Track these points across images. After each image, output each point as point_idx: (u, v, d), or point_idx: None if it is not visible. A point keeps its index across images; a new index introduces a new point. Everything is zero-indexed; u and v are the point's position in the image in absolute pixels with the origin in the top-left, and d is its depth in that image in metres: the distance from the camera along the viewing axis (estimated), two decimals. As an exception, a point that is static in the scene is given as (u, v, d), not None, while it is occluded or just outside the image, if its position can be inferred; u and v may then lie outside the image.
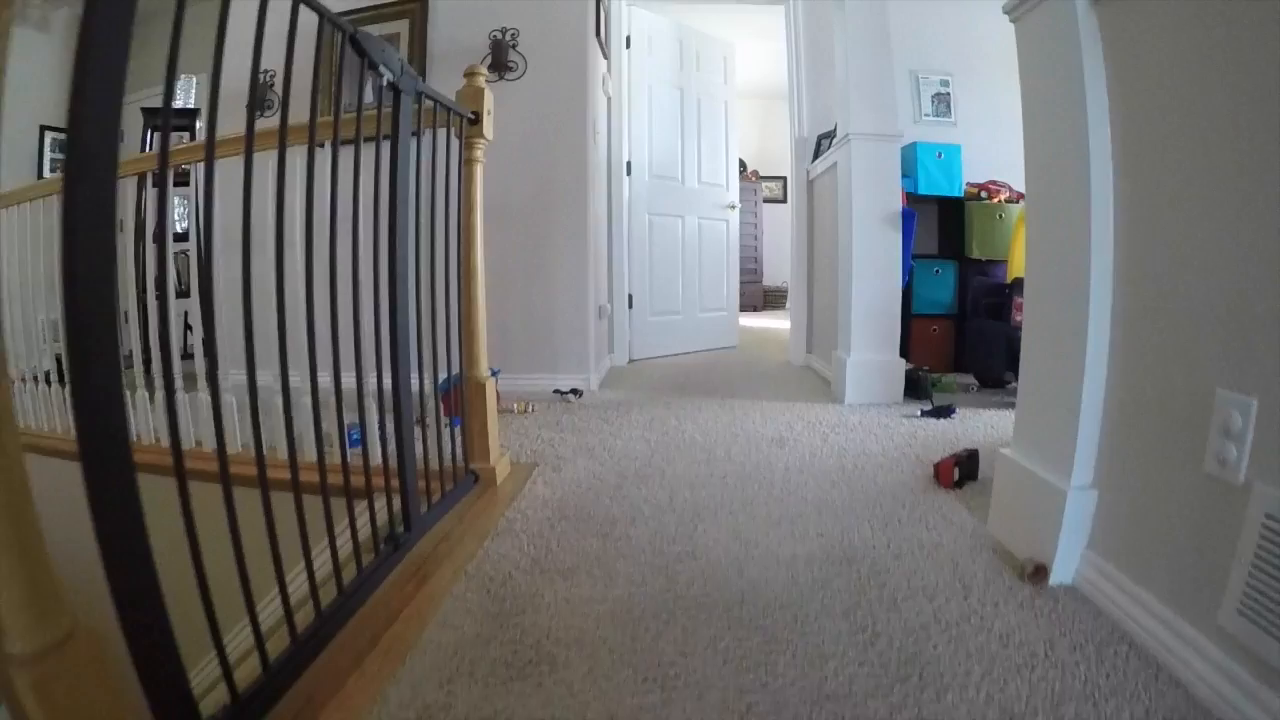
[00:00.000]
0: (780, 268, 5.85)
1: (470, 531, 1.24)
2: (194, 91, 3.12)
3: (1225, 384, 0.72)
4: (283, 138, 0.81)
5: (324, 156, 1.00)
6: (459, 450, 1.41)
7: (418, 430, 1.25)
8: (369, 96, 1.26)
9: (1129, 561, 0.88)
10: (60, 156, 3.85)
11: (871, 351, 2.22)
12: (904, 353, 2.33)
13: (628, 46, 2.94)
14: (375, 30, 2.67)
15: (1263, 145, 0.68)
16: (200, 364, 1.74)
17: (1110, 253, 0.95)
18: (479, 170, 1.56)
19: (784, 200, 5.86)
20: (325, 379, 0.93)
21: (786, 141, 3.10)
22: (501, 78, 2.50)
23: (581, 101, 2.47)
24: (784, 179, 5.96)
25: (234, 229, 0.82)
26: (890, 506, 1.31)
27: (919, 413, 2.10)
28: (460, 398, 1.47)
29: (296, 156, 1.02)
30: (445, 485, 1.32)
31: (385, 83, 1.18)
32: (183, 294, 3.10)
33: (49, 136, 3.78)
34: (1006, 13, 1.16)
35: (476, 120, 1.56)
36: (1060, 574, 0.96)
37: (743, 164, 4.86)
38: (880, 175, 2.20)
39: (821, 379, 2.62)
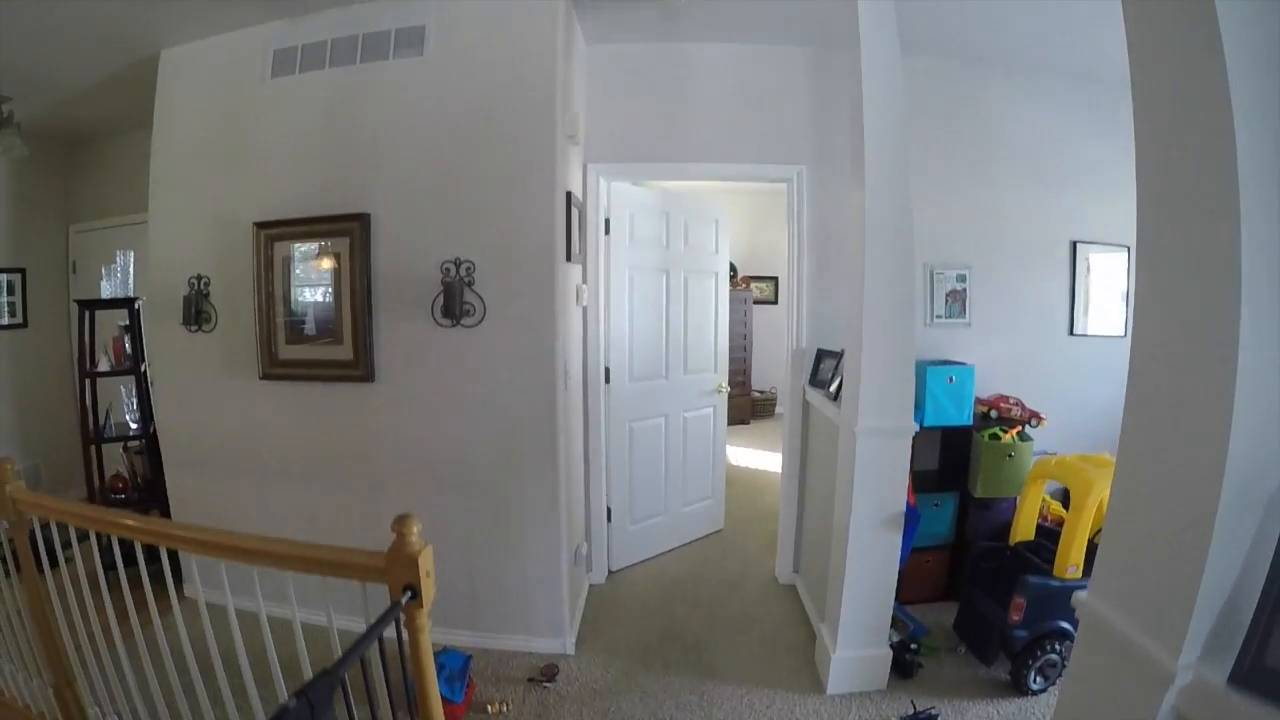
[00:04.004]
0: (769, 372, 5.62)
1: None
2: (132, 271, 2.74)
3: None
4: None
5: None
6: None
7: None
8: None
9: None
10: (9, 299, 3.48)
11: (858, 648, 2.11)
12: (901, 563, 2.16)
13: (606, 232, 2.57)
14: (317, 246, 2.29)
15: None
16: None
17: None
18: (426, 638, 1.31)
19: (775, 301, 5.47)
20: None
21: (777, 239, 2.77)
22: (457, 323, 2.18)
23: (550, 347, 2.18)
24: (775, 279, 5.53)
25: None
26: None
27: (898, 720, 1.99)
28: None
29: None
30: None
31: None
32: (138, 487, 2.91)
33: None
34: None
35: (416, 594, 1.28)
36: None
37: (733, 268, 4.43)
38: (888, 474, 2.02)
39: (806, 622, 2.48)
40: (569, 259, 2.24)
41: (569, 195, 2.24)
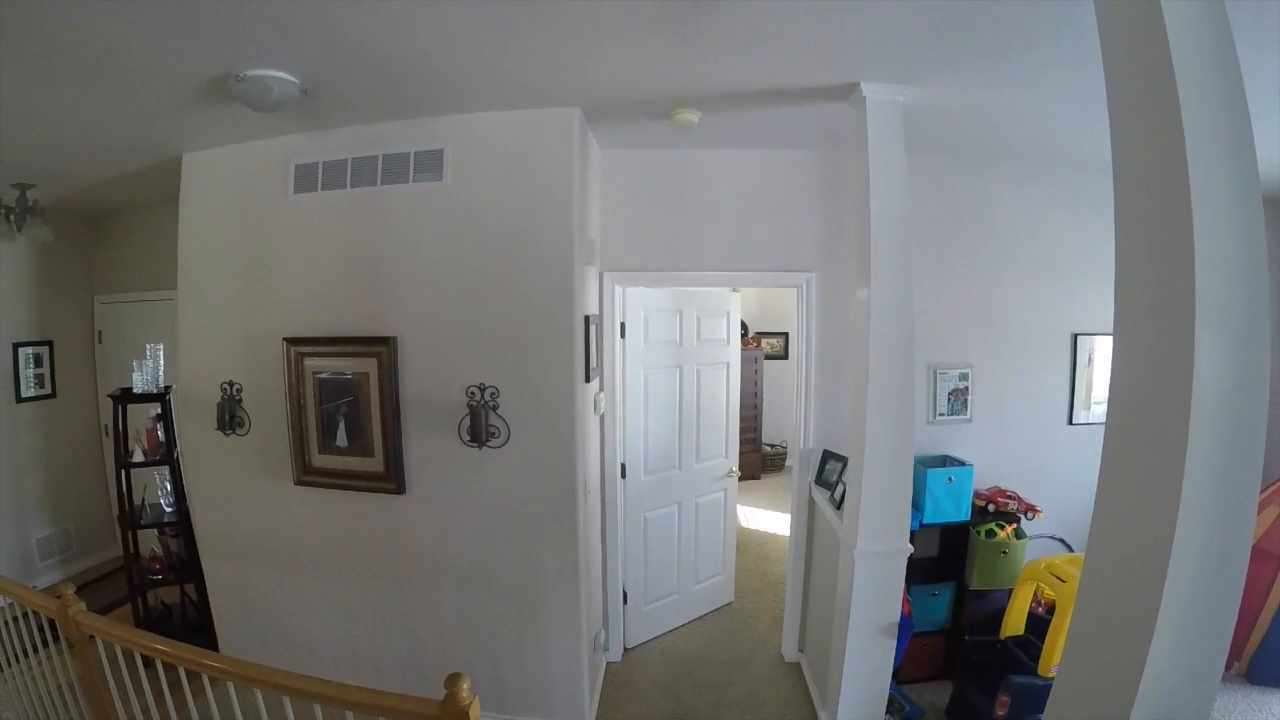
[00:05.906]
0: (779, 424, 5.86)
1: None
2: (162, 363, 2.91)
3: None
4: None
5: None
6: None
7: None
8: None
9: None
10: (37, 371, 3.65)
11: (857, 743, 2.31)
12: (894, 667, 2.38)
13: (622, 335, 2.72)
14: (346, 365, 2.45)
15: None
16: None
17: None
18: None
19: (785, 357, 5.60)
20: None
21: (787, 299, 2.89)
22: (483, 446, 2.35)
23: (571, 466, 2.40)
24: (785, 335, 5.65)
25: None
26: None
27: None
28: None
29: None
30: None
31: None
32: (172, 566, 3.12)
33: (23, 353, 3.55)
34: None
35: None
36: None
37: (744, 326, 4.58)
38: (884, 590, 2.25)
39: (809, 702, 2.72)
40: (588, 380, 2.42)
41: (587, 319, 2.40)
